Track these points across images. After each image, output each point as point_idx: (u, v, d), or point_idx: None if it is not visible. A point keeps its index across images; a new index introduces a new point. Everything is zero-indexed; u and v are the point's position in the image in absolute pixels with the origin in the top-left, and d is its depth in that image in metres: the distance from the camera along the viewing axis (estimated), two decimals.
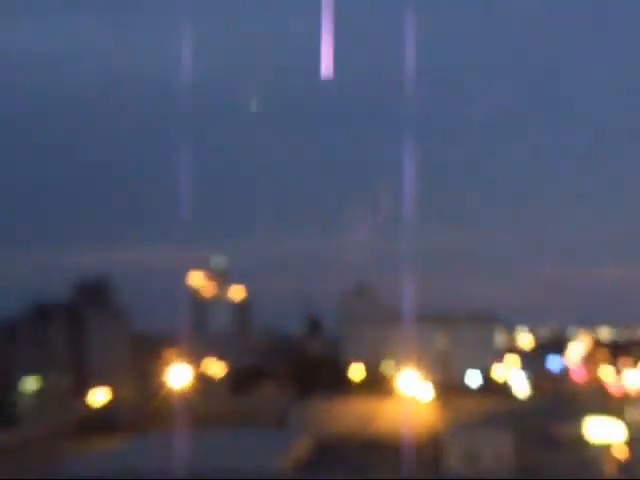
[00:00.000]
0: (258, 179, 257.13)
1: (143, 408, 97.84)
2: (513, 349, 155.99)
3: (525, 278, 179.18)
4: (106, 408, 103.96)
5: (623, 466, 70.50)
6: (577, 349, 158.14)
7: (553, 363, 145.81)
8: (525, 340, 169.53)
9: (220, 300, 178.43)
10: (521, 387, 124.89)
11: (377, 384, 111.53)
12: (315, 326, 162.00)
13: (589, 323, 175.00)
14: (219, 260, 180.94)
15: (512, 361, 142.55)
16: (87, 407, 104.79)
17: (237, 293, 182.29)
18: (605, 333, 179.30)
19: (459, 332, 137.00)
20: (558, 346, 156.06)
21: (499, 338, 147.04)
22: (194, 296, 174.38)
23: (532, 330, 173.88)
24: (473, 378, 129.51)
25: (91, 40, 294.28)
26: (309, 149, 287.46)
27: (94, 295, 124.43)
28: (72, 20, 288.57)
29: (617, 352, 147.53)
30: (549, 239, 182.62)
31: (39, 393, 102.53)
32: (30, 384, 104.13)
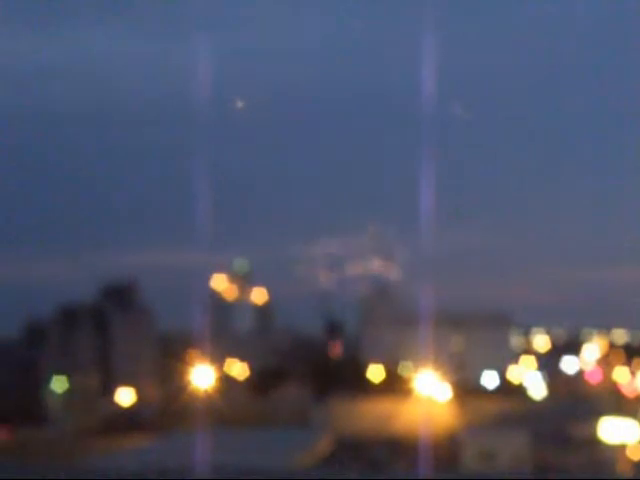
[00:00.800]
0: (277, 181, 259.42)
1: (168, 408, 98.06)
2: (529, 351, 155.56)
3: (541, 279, 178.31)
4: (132, 407, 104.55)
5: (637, 466, 70.55)
6: (592, 351, 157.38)
7: (568, 365, 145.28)
8: (541, 342, 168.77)
9: (243, 302, 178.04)
10: (537, 388, 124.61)
11: (396, 385, 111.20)
12: (336, 328, 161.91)
13: (604, 325, 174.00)
14: (242, 263, 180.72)
15: (528, 362, 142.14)
16: (113, 406, 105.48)
17: (259, 295, 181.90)
18: (620, 335, 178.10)
19: (475, 334, 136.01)
20: (573, 348, 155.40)
21: (515, 340, 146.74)
22: (217, 298, 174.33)
23: (548, 332, 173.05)
24: (489, 379, 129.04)
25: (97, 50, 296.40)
26: (327, 149, 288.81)
27: (120, 297, 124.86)
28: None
29: (632, 354, 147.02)
30: (566, 240, 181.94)
31: (67, 393, 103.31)
32: (59, 384, 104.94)
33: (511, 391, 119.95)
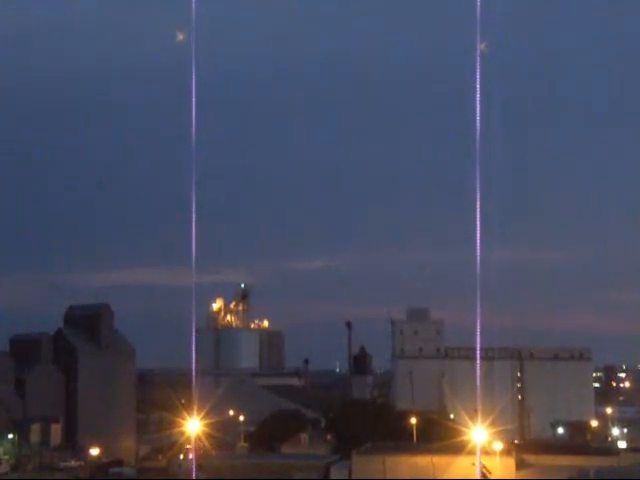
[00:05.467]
0: (298, 196, 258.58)
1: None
2: (611, 393, 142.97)
3: (620, 307, 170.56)
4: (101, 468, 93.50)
5: None
6: None
7: None
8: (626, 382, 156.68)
9: (246, 330, 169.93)
10: (624, 441, 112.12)
11: (437, 434, 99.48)
12: (362, 361, 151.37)
13: None
14: (244, 285, 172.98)
15: (610, 408, 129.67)
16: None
17: (265, 322, 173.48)
18: None
19: (543, 372, 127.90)
20: None
21: (593, 379, 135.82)
22: (216, 327, 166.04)
23: (631, 369, 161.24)
24: (560, 429, 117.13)
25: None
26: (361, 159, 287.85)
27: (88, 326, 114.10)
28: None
29: None
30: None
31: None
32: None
33: (588, 444, 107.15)
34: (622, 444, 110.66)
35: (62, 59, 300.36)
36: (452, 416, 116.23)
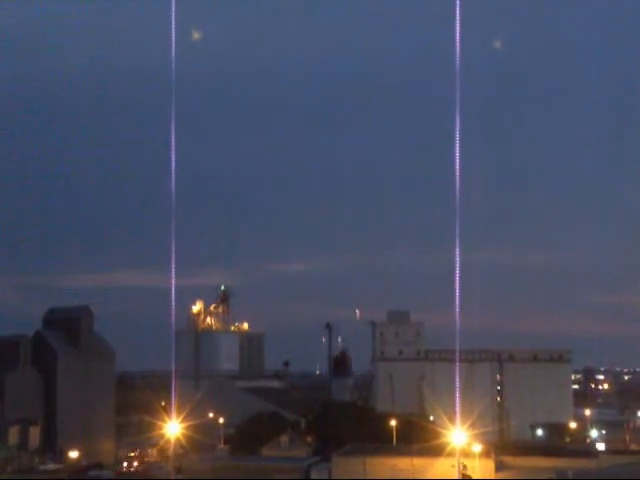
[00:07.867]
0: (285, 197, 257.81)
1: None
2: (590, 395, 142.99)
3: (599, 310, 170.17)
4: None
5: None
6: None
7: None
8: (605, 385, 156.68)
9: (226, 333, 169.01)
10: (602, 443, 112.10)
11: (417, 437, 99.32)
12: (342, 363, 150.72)
13: None
14: (224, 288, 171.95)
15: (589, 410, 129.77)
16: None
17: (245, 324, 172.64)
18: None
19: (523, 374, 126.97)
20: None
21: (572, 381, 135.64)
22: (196, 330, 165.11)
23: (610, 371, 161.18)
24: (539, 431, 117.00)
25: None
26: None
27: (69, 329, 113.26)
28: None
29: None
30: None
31: None
32: None
33: (568, 446, 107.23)
34: (600, 446, 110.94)
35: (62, 59, 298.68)
36: (432, 418, 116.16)
